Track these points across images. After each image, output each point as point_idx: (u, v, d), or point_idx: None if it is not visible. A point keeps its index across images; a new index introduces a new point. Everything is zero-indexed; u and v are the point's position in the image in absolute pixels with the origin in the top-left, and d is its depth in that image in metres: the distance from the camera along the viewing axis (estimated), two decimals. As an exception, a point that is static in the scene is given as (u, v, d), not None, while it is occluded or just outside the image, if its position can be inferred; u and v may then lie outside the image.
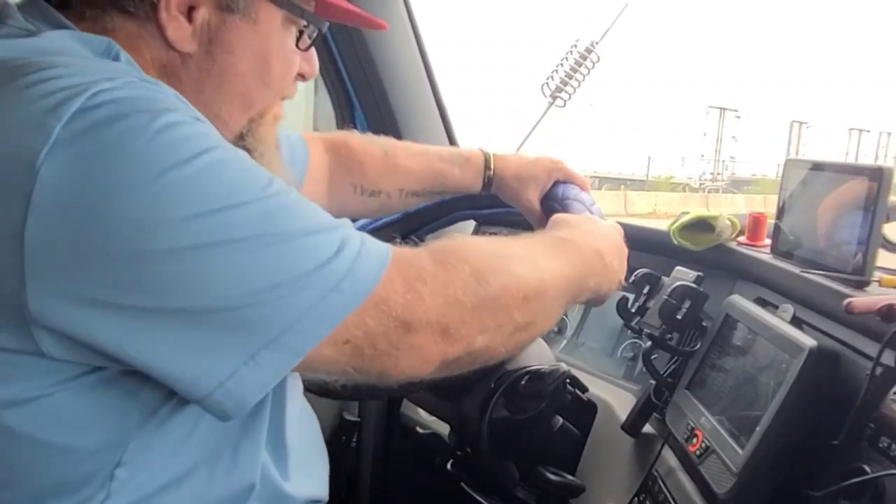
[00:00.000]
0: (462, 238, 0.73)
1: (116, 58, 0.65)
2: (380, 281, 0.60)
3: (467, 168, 1.13)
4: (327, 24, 0.78)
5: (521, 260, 0.73)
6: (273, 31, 0.73)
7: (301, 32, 0.76)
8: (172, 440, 0.64)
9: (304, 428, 0.82)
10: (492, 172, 1.13)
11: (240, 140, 0.75)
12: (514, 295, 0.69)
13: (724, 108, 25.93)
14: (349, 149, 1.13)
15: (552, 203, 1.10)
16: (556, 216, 0.93)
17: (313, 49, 0.79)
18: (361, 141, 1.15)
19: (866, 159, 28.30)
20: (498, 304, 0.68)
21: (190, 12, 0.68)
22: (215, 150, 0.57)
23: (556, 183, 1.11)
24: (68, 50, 0.62)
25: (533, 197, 1.11)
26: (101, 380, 0.58)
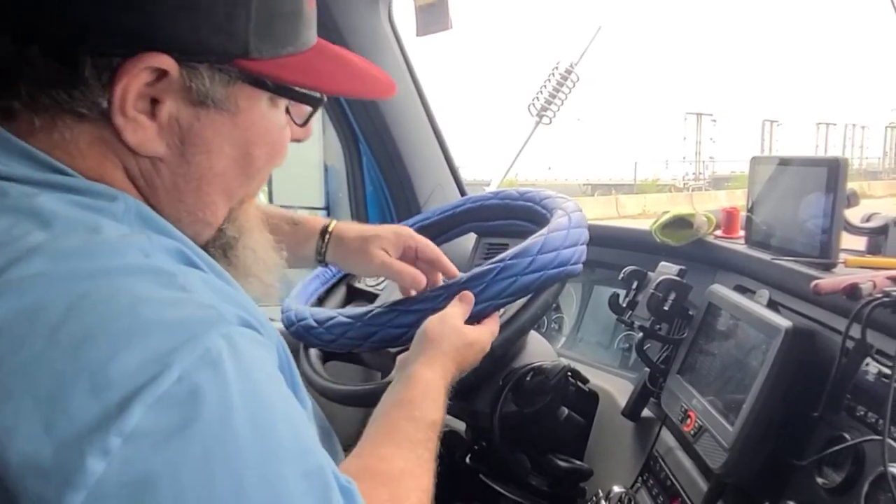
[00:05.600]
0: (391, 469, 0.63)
1: (144, 217, 0.52)
2: None
3: (299, 228, 0.98)
4: (323, 98, 0.61)
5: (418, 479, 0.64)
6: (257, 117, 0.56)
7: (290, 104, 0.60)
8: None
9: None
10: (329, 235, 0.97)
11: (221, 235, 0.60)
12: None
13: (701, 114, 25.90)
14: None
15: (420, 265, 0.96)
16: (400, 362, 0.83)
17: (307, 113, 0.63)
18: None
19: (834, 150, 28.08)
20: None
21: (153, 108, 0.52)
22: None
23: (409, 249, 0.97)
24: (90, 247, 0.45)
25: (380, 254, 0.94)
26: None
